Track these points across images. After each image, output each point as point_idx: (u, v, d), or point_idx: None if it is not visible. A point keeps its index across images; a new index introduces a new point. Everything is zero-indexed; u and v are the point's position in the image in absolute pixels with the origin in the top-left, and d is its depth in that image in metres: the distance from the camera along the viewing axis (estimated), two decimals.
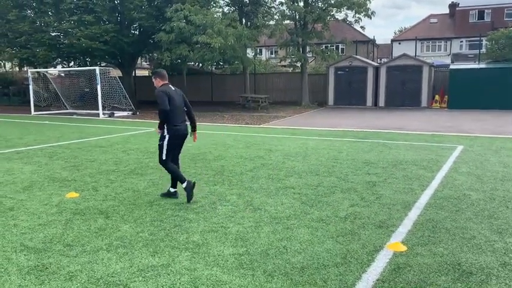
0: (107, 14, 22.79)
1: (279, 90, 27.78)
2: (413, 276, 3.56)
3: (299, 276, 3.56)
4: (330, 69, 24.92)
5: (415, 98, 22.95)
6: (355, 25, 24.46)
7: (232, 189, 6.35)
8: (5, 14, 23.81)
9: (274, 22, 23.98)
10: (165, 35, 20.61)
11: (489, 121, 15.86)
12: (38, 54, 23.11)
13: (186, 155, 9.24)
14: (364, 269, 3.70)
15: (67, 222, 4.94)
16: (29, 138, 12.36)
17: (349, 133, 12.98)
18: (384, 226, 4.74)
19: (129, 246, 4.22)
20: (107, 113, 21.02)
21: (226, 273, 3.64)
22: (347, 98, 24.38)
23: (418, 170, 7.57)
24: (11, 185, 6.74)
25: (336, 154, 9.22)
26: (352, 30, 33.83)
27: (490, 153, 9.13)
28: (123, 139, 12.21)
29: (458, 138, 11.63)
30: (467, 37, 39.87)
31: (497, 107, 20.13)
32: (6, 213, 5.30)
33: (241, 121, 17.49)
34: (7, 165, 8.34)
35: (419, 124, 15.28)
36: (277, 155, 9.17)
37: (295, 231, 4.59)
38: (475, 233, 4.49)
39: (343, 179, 6.92)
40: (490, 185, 6.49)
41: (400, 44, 41.74)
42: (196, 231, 4.62)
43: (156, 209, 5.42)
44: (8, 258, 3.98)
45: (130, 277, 3.58)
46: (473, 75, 21.73)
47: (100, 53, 23.69)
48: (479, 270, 3.66)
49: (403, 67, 23.15)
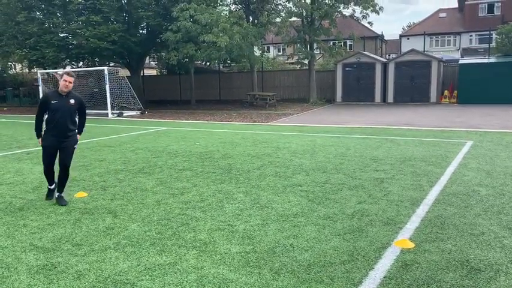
0: (114, 14, 22.91)
1: (287, 88, 27.73)
2: (420, 273, 3.54)
3: (306, 274, 3.56)
4: (337, 65, 24.83)
5: (424, 93, 22.78)
6: (363, 21, 24.33)
7: (239, 187, 6.36)
8: (14, 16, 24.04)
9: (281, 19, 23.94)
10: (172, 35, 20.68)
11: (499, 116, 15.68)
12: (47, 55, 23.31)
13: (193, 154, 9.28)
14: (371, 266, 3.69)
15: (76, 222, 4.99)
16: None
17: (357, 130, 12.92)
18: (392, 223, 4.71)
19: (137, 245, 4.25)
20: (115, 113, 21.17)
21: (233, 271, 3.65)
22: (355, 94, 24.27)
23: (426, 166, 7.52)
24: (20, 185, 6.81)
25: (344, 151, 9.19)
26: (360, 26, 33.61)
27: (500, 149, 9.03)
28: (131, 138, 12.28)
29: (467, 133, 11.52)
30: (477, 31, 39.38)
31: (507, 101, 19.91)
32: (16, 213, 5.36)
33: (248, 119, 17.50)
34: (17, 166, 8.43)
35: (428, 120, 15.16)
36: (285, 153, 9.16)
37: (302, 229, 4.58)
38: (483, 229, 4.45)
39: (351, 176, 6.89)
40: (499, 180, 6.42)
41: (408, 39, 41.35)
42: (203, 230, 4.63)
43: (163, 208, 5.44)
44: (18, 257, 4.02)
45: (138, 276, 3.60)
46: (482, 69, 21.50)
47: (108, 53, 23.83)
48: (488, 266, 3.62)
49: (411, 62, 22.98)
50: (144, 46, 25.02)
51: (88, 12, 23.02)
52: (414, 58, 23.08)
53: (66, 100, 5.54)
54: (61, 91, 5.52)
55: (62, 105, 5.49)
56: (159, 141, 11.55)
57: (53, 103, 5.45)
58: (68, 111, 5.55)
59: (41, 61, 25.07)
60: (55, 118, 5.49)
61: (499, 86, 20.41)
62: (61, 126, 5.52)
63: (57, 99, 5.49)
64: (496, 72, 20.93)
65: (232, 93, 28.85)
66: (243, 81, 28.35)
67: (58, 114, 5.48)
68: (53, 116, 5.48)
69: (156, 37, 23.89)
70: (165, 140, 11.81)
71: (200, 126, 15.32)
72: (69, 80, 5.47)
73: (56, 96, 5.53)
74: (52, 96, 5.56)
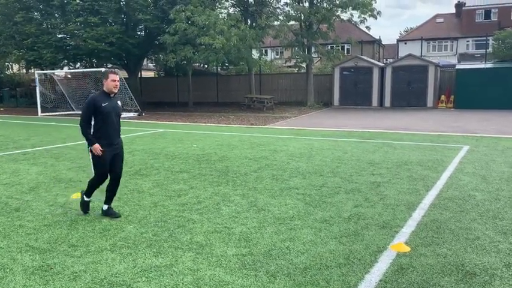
0: (112, 15, 22.90)
1: (284, 91, 27.78)
2: (416, 277, 3.55)
3: (302, 277, 3.57)
4: (335, 69, 24.88)
5: (421, 98, 22.86)
6: (361, 25, 24.40)
7: (236, 190, 6.37)
8: (12, 16, 24.00)
9: (279, 23, 24.00)
10: (170, 37, 20.70)
11: (495, 121, 15.76)
12: (45, 56, 23.26)
13: (190, 156, 9.28)
14: (367, 269, 3.70)
15: (72, 223, 4.98)
16: (35, 140, 12.46)
17: (354, 133, 12.95)
18: (388, 227, 4.73)
19: (133, 247, 4.24)
20: None
21: (229, 273, 3.66)
22: (352, 98, 24.33)
23: (423, 170, 7.55)
24: (17, 186, 6.80)
25: (341, 154, 9.21)
26: (357, 30, 33.73)
27: (495, 154, 9.08)
28: (128, 140, 12.26)
29: (464, 138, 11.57)
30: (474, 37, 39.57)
31: (503, 107, 20.01)
32: (12, 214, 5.35)
33: (246, 122, 17.52)
34: (14, 166, 8.41)
35: (425, 124, 15.21)
36: (282, 156, 9.17)
37: (298, 232, 4.59)
38: (479, 234, 4.47)
39: (348, 180, 6.91)
40: (495, 185, 6.45)
41: (406, 44, 41.53)
42: (199, 232, 4.63)
43: (160, 210, 5.44)
44: (14, 258, 4.01)
45: (134, 277, 3.60)
46: (479, 75, 21.61)
47: (106, 55, 23.81)
48: (483, 271, 3.64)
49: (408, 67, 23.07)
50: (142, 48, 25.01)
51: (86, 14, 23.01)
52: (411, 63, 23.17)
53: (115, 102, 5.09)
54: (110, 91, 5.00)
55: (112, 107, 5.00)
56: (156, 143, 11.55)
57: (104, 106, 4.90)
58: (117, 114, 5.12)
59: (38, 62, 25.02)
60: (107, 122, 4.97)
61: (496, 91, 20.51)
62: (114, 130, 5.06)
63: (108, 102, 4.95)
64: (493, 78, 21.04)
65: (230, 95, 28.87)
66: (241, 83, 28.38)
67: (110, 118, 4.98)
68: (106, 120, 4.95)
69: (154, 39, 23.89)
70: (162, 142, 11.80)
71: (197, 129, 15.32)
72: (117, 79, 5.00)
73: (105, 98, 4.97)
74: (101, 98, 4.96)
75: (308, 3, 23.69)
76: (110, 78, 4.93)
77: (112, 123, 5.00)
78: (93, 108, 4.89)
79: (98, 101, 4.91)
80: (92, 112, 4.90)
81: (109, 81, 4.93)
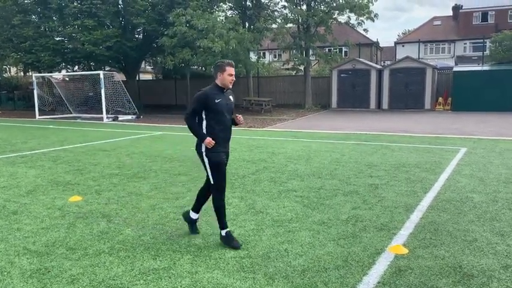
0: (110, 18, 22.90)
1: (282, 93, 27.81)
2: (414, 278, 3.55)
3: (300, 279, 3.57)
4: (333, 72, 24.93)
5: (419, 100, 22.92)
6: (358, 28, 24.48)
7: (234, 192, 6.36)
8: (9, 19, 24.00)
9: (277, 25, 24.05)
10: (168, 40, 20.73)
11: (492, 123, 15.80)
12: (43, 59, 23.27)
13: (188, 159, 9.27)
14: (365, 271, 3.70)
15: (70, 226, 4.97)
16: (33, 142, 12.44)
17: (352, 136, 12.97)
18: (386, 229, 4.73)
19: (131, 250, 4.24)
20: (110, 117, 21.12)
21: (227, 276, 3.65)
22: (350, 100, 24.37)
23: (421, 172, 7.56)
24: (14, 189, 6.78)
25: (339, 157, 9.22)
26: (355, 33, 33.82)
27: (493, 156, 9.10)
28: (126, 143, 12.26)
29: (461, 140, 11.60)
30: (471, 39, 39.77)
31: (501, 109, 20.08)
32: (10, 217, 5.34)
33: (244, 124, 17.50)
34: (11, 169, 8.39)
35: (422, 126, 15.25)
36: (280, 158, 9.18)
37: (296, 234, 4.59)
38: (476, 236, 4.48)
39: (346, 182, 6.92)
40: (492, 187, 6.47)
41: (403, 46, 41.68)
42: (198, 235, 4.63)
43: (158, 213, 5.44)
44: (11, 261, 4.00)
45: (132, 280, 3.60)
46: (476, 77, 21.70)
47: (104, 58, 23.82)
48: (481, 272, 3.65)
49: (406, 69, 23.13)
50: (140, 51, 25.03)
51: (84, 17, 23.03)
52: (409, 65, 23.24)
53: (228, 97, 4.36)
54: (225, 86, 4.29)
55: (226, 104, 4.28)
56: (154, 145, 11.54)
57: (217, 102, 4.19)
58: (230, 111, 4.38)
59: (36, 65, 25.01)
60: (222, 121, 4.27)
61: (493, 93, 20.58)
62: (228, 131, 4.40)
63: (221, 98, 4.24)
64: (490, 80, 21.12)
65: None
66: (239, 86, 28.29)
67: (224, 116, 4.28)
68: (220, 118, 4.25)
69: (152, 42, 23.93)
70: (161, 144, 11.80)
71: None
72: (234, 73, 4.32)
73: (218, 93, 4.25)
74: (213, 93, 4.23)
75: (306, 5, 23.76)
76: (228, 71, 4.23)
77: (225, 123, 4.31)
78: (205, 104, 4.20)
79: (211, 97, 4.20)
80: (202, 108, 4.22)
81: (225, 74, 4.23)
